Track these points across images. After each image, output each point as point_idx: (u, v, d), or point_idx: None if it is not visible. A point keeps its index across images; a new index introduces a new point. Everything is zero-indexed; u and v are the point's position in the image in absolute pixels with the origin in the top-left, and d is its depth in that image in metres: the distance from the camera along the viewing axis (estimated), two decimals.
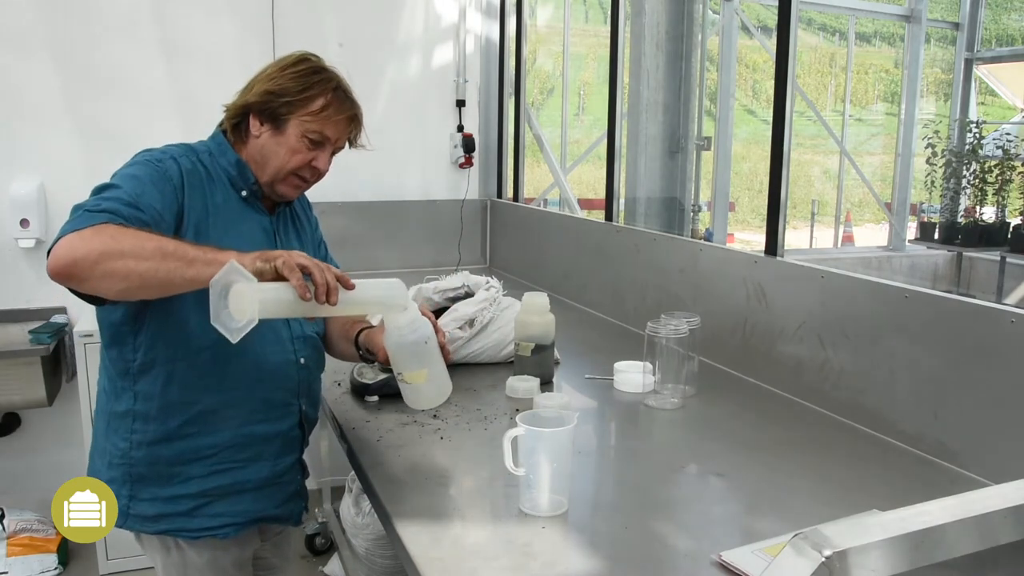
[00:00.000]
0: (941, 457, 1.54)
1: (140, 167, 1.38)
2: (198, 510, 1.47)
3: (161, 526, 1.47)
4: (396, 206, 3.59)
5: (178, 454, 1.45)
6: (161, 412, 1.43)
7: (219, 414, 1.46)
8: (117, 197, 1.29)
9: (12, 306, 3.03)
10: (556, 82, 9.06)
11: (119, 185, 1.32)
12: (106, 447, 1.48)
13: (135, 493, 1.45)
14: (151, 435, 1.44)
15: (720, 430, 1.74)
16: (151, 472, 1.45)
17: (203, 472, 1.46)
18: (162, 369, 1.42)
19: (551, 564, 1.15)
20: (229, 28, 3.24)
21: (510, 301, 2.15)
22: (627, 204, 3.36)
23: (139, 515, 1.46)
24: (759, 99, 13.91)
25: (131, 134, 3.08)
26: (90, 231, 1.20)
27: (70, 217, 1.25)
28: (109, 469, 1.46)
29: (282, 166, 1.50)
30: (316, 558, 3.05)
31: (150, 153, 1.43)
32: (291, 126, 1.48)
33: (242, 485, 1.50)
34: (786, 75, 1.96)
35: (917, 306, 1.60)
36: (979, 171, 5.84)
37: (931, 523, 0.62)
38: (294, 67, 1.49)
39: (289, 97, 1.46)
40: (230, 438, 1.47)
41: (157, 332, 1.40)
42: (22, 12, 2.96)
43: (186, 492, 1.46)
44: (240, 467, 1.49)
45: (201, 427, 1.45)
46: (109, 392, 1.48)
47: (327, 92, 1.49)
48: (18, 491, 3.04)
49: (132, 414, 1.44)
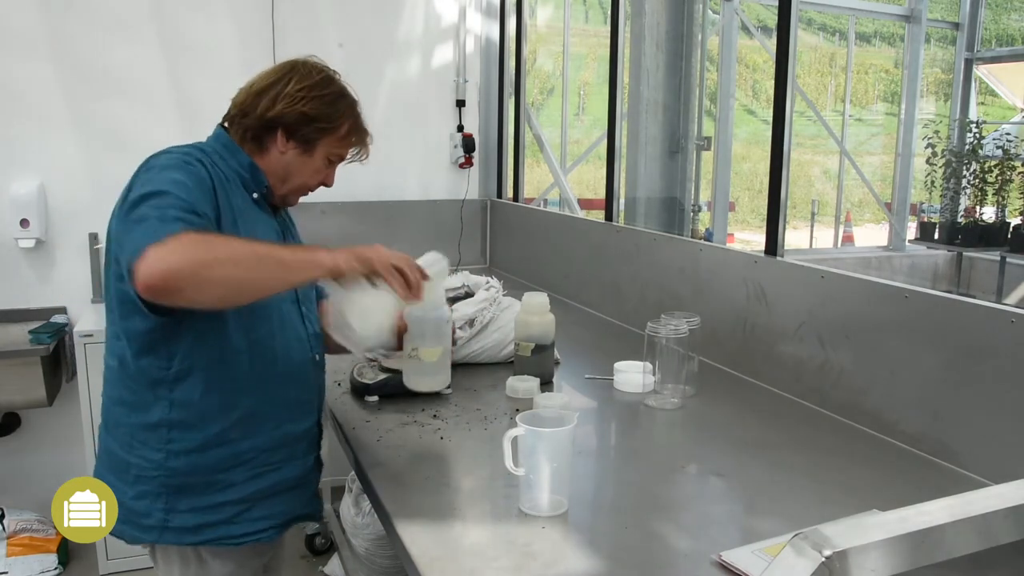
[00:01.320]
0: (941, 457, 1.54)
1: (179, 171, 1.33)
2: (240, 515, 1.45)
3: (203, 536, 1.43)
4: (396, 206, 3.59)
5: (219, 461, 1.42)
6: (201, 419, 1.40)
7: (256, 416, 1.45)
8: (177, 204, 1.25)
9: (12, 306, 3.03)
10: (556, 82, 9.06)
11: (169, 191, 1.27)
12: (129, 462, 1.42)
13: (172, 505, 1.41)
14: (191, 443, 1.40)
15: (720, 430, 1.74)
16: (190, 482, 1.41)
17: (244, 477, 1.44)
18: (201, 375, 1.39)
19: (551, 564, 1.15)
20: (229, 28, 3.24)
21: (510, 301, 2.15)
22: (627, 204, 3.35)
23: (179, 527, 1.41)
24: (759, 99, 13.91)
25: (131, 134, 3.10)
26: (175, 242, 1.17)
27: (132, 227, 1.22)
28: (137, 484, 1.41)
29: (304, 184, 1.55)
30: (316, 558, 3.05)
31: (172, 156, 1.38)
32: (319, 148, 1.52)
33: (280, 486, 1.50)
34: (786, 75, 1.96)
35: (917, 306, 1.60)
36: (979, 171, 5.83)
37: (931, 523, 0.61)
38: (323, 89, 1.51)
39: (323, 123, 1.49)
40: (267, 440, 1.47)
41: (197, 337, 1.37)
42: (23, 12, 2.96)
43: (227, 499, 1.43)
44: (276, 468, 1.49)
45: (241, 431, 1.43)
46: (132, 404, 1.42)
47: (351, 118, 1.54)
48: (18, 491, 3.04)
49: (167, 424, 1.39)
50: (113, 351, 1.43)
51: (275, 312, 1.46)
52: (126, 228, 1.25)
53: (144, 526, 1.42)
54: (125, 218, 1.26)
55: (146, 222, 1.21)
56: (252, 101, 1.50)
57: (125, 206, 1.28)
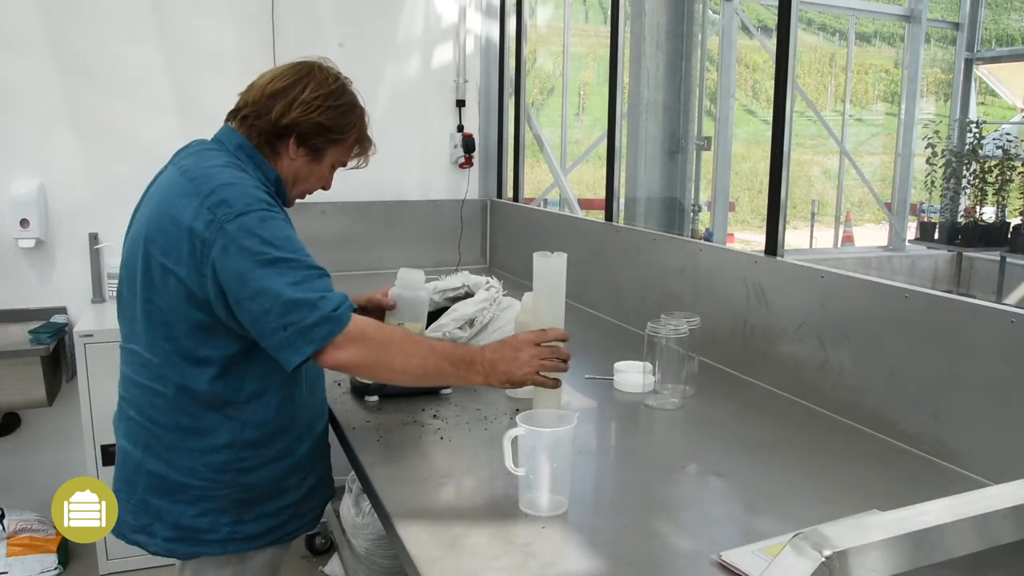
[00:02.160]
0: (941, 457, 1.54)
1: (281, 224, 1.38)
2: (295, 514, 1.56)
3: (268, 539, 1.52)
4: (396, 206, 3.59)
5: (283, 471, 1.51)
6: (273, 436, 1.48)
7: (308, 425, 1.56)
8: (320, 276, 1.35)
9: (12, 306, 3.03)
10: (556, 82, 9.07)
11: (298, 259, 1.34)
12: (190, 484, 1.44)
13: (240, 517, 1.47)
14: (262, 459, 1.47)
15: (720, 430, 1.74)
16: (259, 493, 1.49)
17: (298, 480, 1.55)
18: (275, 395, 1.47)
19: (551, 564, 1.15)
20: (229, 28, 3.24)
21: (510, 301, 2.15)
22: (627, 204, 3.35)
23: (247, 535, 1.48)
24: (759, 99, 13.91)
25: (131, 134, 3.10)
26: (361, 339, 1.33)
27: (284, 312, 1.29)
28: (199, 503, 1.44)
29: (309, 189, 1.62)
30: (316, 558, 3.05)
31: (250, 194, 1.38)
32: (327, 157, 1.57)
33: (320, 481, 1.64)
34: (786, 75, 1.96)
35: (917, 306, 1.60)
36: (979, 171, 5.83)
37: (931, 523, 0.61)
38: (338, 100, 1.53)
39: (335, 135, 1.54)
40: (312, 444, 1.59)
41: (269, 358, 1.37)
42: (23, 12, 2.96)
43: (288, 502, 1.54)
44: (317, 467, 1.62)
45: (299, 442, 1.54)
46: (193, 429, 1.43)
47: (359, 129, 1.59)
48: (18, 491, 3.04)
49: (238, 444, 1.44)
50: (169, 378, 1.42)
51: None
52: (259, 290, 1.30)
53: (208, 541, 1.46)
54: (250, 274, 1.30)
55: (308, 311, 1.29)
56: (266, 103, 1.50)
57: (249, 259, 1.31)
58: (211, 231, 1.32)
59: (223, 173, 1.41)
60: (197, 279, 1.34)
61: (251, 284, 1.30)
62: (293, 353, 1.30)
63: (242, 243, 1.31)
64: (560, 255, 1.57)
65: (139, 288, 1.41)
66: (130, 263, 1.45)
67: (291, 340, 1.30)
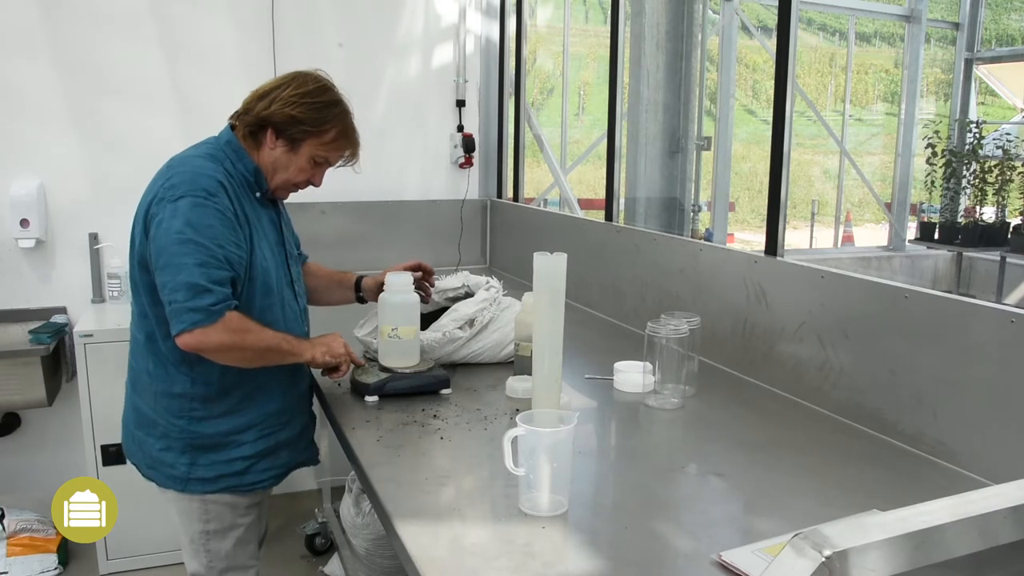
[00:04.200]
0: (941, 457, 1.54)
1: (211, 213, 1.56)
2: (249, 469, 1.72)
3: (220, 485, 1.71)
4: (396, 206, 3.59)
5: (234, 427, 1.69)
6: (221, 393, 1.67)
7: (265, 387, 1.72)
8: (219, 267, 1.54)
9: (12, 306, 3.03)
10: (556, 82, 9.07)
11: (206, 245, 1.53)
12: (157, 421, 1.69)
13: (194, 460, 1.68)
14: (211, 412, 1.67)
15: (720, 430, 1.74)
16: (210, 442, 1.68)
17: (253, 438, 1.72)
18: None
19: (551, 564, 1.15)
20: (229, 28, 3.24)
21: (510, 301, 2.15)
22: (627, 204, 3.36)
23: (199, 478, 1.69)
24: (759, 99, 13.91)
25: (131, 134, 3.10)
26: (214, 331, 1.52)
27: (175, 274, 1.50)
28: (163, 439, 1.69)
29: (288, 179, 1.73)
30: (316, 558, 3.05)
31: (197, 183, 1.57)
32: (304, 149, 1.70)
33: (282, 444, 1.78)
34: (786, 75, 1.96)
35: (917, 306, 1.60)
36: (979, 171, 5.83)
37: (931, 523, 0.61)
38: (315, 96, 1.68)
39: (308, 126, 1.67)
40: (273, 407, 1.74)
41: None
42: (23, 12, 2.96)
43: (240, 455, 1.71)
44: (279, 429, 1.76)
45: (252, 401, 1.70)
46: (157, 375, 1.67)
47: (339, 125, 1.71)
48: (18, 491, 3.04)
49: (190, 396, 1.66)
50: (141, 327, 1.67)
51: (278, 296, 1.73)
52: (168, 263, 1.52)
53: (170, 476, 1.69)
54: (167, 248, 1.52)
55: (185, 293, 1.50)
56: (255, 103, 1.69)
57: (169, 235, 1.52)
58: (156, 207, 1.57)
59: (192, 161, 1.64)
60: (146, 246, 1.58)
61: (164, 256, 1.53)
62: (173, 325, 1.53)
63: (171, 221, 1.53)
64: (560, 255, 1.57)
65: (129, 255, 1.66)
66: (131, 233, 1.67)
67: (174, 313, 1.53)
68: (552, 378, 1.61)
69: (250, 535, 1.82)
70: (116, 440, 2.79)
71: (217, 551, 1.77)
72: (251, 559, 1.84)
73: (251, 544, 1.84)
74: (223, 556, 1.78)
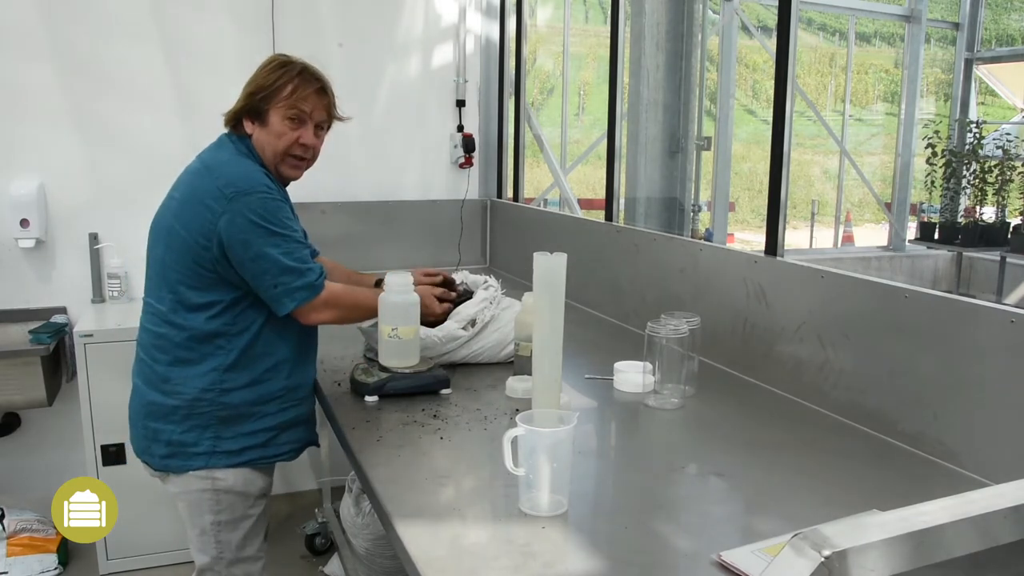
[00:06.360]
0: (941, 457, 1.54)
1: (278, 205, 1.70)
2: (271, 441, 1.80)
3: (244, 457, 1.77)
4: (396, 206, 3.59)
5: (258, 396, 1.76)
6: (251, 362, 1.75)
7: (286, 362, 1.80)
8: (304, 247, 1.74)
9: (12, 306, 3.03)
10: (556, 82, 9.07)
11: (289, 234, 1.70)
12: (178, 406, 1.73)
13: (220, 433, 1.74)
14: (240, 382, 1.74)
15: (720, 430, 1.74)
16: (235, 412, 1.75)
17: (275, 410, 1.79)
18: (256, 328, 1.74)
19: (551, 564, 1.15)
20: (229, 28, 3.24)
21: (510, 301, 2.15)
22: (627, 204, 3.36)
23: (224, 451, 1.75)
24: (759, 99, 13.91)
25: (131, 134, 3.10)
26: (323, 306, 1.74)
27: (280, 274, 1.67)
28: (185, 421, 1.73)
29: (276, 150, 1.78)
30: (316, 558, 3.05)
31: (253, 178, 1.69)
32: (272, 115, 1.76)
33: (298, 419, 1.86)
34: (786, 75, 1.96)
35: (917, 306, 1.60)
36: (979, 171, 5.83)
37: (931, 523, 0.61)
38: (264, 67, 1.78)
39: (263, 92, 1.75)
40: (292, 382, 1.82)
41: (255, 301, 1.72)
42: (23, 12, 2.96)
43: (263, 427, 1.78)
44: (296, 405, 1.84)
45: (275, 373, 1.78)
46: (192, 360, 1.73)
47: (294, 78, 1.76)
48: (18, 491, 3.04)
49: (223, 367, 1.73)
50: (173, 323, 1.73)
51: None
52: (260, 254, 1.66)
53: (193, 454, 1.74)
54: (253, 242, 1.65)
55: (292, 278, 1.69)
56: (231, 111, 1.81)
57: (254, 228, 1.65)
58: (220, 204, 1.64)
59: (235, 161, 1.74)
60: (204, 243, 1.66)
61: (253, 249, 1.65)
62: (280, 306, 1.70)
63: (247, 216, 1.65)
64: (560, 255, 1.57)
65: (161, 250, 1.73)
66: (156, 229, 1.76)
67: (279, 296, 1.69)
68: (552, 378, 1.61)
69: (259, 527, 1.86)
70: (116, 440, 2.82)
71: (228, 542, 1.80)
72: (259, 551, 1.87)
73: (259, 537, 1.87)
74: (233, 547, 1.81)
